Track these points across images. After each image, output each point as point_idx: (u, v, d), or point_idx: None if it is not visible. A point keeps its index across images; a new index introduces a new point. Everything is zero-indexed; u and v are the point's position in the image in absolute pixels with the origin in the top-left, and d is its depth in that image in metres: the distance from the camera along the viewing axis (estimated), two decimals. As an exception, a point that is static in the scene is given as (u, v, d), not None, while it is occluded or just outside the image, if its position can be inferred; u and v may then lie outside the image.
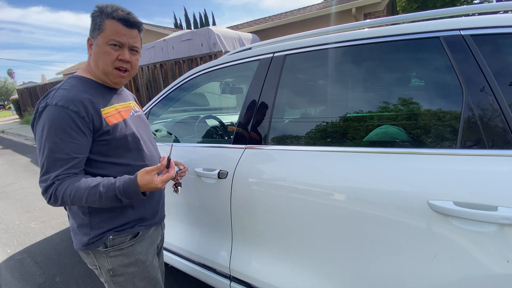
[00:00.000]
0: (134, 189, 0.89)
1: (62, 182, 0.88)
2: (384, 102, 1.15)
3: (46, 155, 0.88)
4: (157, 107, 1.89)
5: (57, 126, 0.87)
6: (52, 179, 0.87)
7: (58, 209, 3.34)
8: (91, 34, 0.98)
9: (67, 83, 0.96)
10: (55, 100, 0.89)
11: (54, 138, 0.87)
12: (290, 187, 1.15)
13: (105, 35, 0.95)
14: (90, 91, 0.97)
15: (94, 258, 1.01)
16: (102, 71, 0.99)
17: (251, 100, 1.37)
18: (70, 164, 0.89)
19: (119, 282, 1.03)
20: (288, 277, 1.20)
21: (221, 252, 1.42)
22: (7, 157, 6.55)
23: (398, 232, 0.92)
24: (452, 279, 0.84)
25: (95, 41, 0.97)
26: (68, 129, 0.88)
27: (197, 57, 5.89)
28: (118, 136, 0.98)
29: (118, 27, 0.95)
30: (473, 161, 0.85)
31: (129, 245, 1.02)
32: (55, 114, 0.88)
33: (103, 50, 0.96)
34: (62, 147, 0.88)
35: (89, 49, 1.00)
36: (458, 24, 0.95)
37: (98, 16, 0.95)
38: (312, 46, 1.24)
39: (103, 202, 0.89)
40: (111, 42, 0.95)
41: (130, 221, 1.02)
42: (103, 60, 0.97)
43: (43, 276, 2.14)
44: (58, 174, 0.88)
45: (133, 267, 1.03)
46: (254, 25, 9.57)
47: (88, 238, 0.97)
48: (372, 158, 1.01)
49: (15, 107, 15.52)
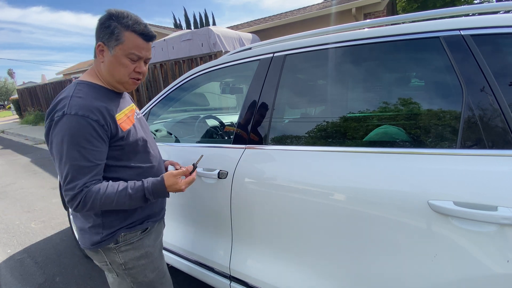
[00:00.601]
0: (162, 189, 1.00)
1: (90, 189, 0.91)
2: (384, 102, 1.15)
3: (70, 164, 0.89)
4: (157, 107, 1.89)
5: (79, 135, 0.88)
6: (80, 187, 0.89)
7: (58, 209, 3.34)
8: (104, 41, 0.95)
9: (79, 91, 0.94)
10: (73, 109, 0.88)
11: (77, 147, 0.88)
12: (290, 187, 1.15)
13: (124, 47, 0.95)
14: (102, 98, 0.97)
15: (104, 255, 1.03)
16: (117, 80, 1.00)
17: (251, 100, 1.37)
18: (95, 172, 0.93)
19: (132, 274, 1.07)
20: (288, 277, 1.19)
21: (221, 252, 1.42)
22: (7, 157, 6.56)
23: (398, 232, 0.92)
24: (452, 279, 0.84)
25: (111, 51, 0.95)
26: (90, 138, 0.90)
27: (197, 57, 5.89)
28: (131, 141, 1.01)
29: (138, 41, 0.96)
30: (473, 161, 0.85)
31: (138, 239, 1.07)
32: (76, 123, 0.88)
33: (121, 62, 0.96)
34: (86, 155, 0.90)
35: (99, 55, 0.97)
36: (458, 24, 0.95)
37: (114, 26, 0.93)
38: (312, 46, 1.24)
39: (132, 203, 0.96)
40: (130, 56, 0.96)
41: (140, 218, 1.07)
42: (120, 71, 0.98)
43: (43, 276, 2.14)
44: (86, 182, 0.90)
45: (144, 260, 1.08)
46: (254, 25, 9.57)
47: (101, 237, 1.00)
48: (372, 158, 1.01)
49: (15, 107, 15.54)
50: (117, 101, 1.03)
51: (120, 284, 1.10)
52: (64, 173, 0.89)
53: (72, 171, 0.89)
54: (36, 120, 12.23)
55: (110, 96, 1.01)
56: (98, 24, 0.96)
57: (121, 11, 0.95)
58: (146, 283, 1.10)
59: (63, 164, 0.89)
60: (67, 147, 0.88)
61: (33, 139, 8.77)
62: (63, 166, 0.89)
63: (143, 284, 1.10)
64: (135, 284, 1.08)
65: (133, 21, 0.95)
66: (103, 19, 0.95)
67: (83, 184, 0.90)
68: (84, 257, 2.35)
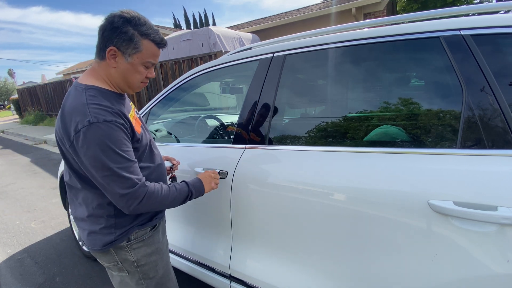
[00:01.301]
0: (201, 187, 1.14)
1: (147, 185, 0.95)
2: (384, 102, 1.15)
3: (117, 168, 0.88)
4: (157, 107, 1.89)
5: (115, 140, 0.89)
6: (141, 181, 0.93)
7: (58, 209, 3.34)
8: (118, 46, 0.92)
9: (93, 97, 0.91)
10: (98, 116, 0.87)
11: (117, 151, 0.89)
12: (290, 187, 1.15)
13: (142, 56, 0.95)
14: (113, 102, 0.96)
15: (115, 255, 1.03)
16: (129, 85, 1.00)
17: (251, 100, 1.37)
18: (138, 170, 0.96)
19: (144, 271, 1.08)
20: (288, 277, 1.19)
21: (221, 252, 1.42)
22: (7, 157, 6.55)
23: (398, 232, 0.92)
24: (452, 279, 0.84)
25: (127, 58, 0.94)
26: (124, 141, 0.92)
27: (197, 57, 5.89)
28: (144, 142, 1.04)
29: (154, 50, 0.97)
30: (473, 161, 0.85)
31: (149, 236, 1.09)
32: (107, 129, 0.87)
33: (137, 69, 0.97)
34: (127, 157, 0.92)
35: (110, 60, 0.94)
36: (458, 24, 0.94)
37: (133, 33, 0.91)
38: (312, 46, 1.24)
39: (176, 202, 1.05)
40: (146, 64, 0.98)
41: (149, 216, 1.09)
42: (134, 78, 0.98)
43: (43, 276, 2.14)
44: (140, 178, 0.94)
45: (155, 255, 1.10)
46: (254, 25, 9.57)
47: (114, 236, 1.00)
48: (372, 158, 1.01)
49: (15, 107, 15.53)
50: (124, 104, 1.03)
51: (129, 284, 1.09)
52: (112, 178, 0.89)
53: (122, 172, 0.89)
54: (36, 120, 12.23)
55: (118, 99, 1.00)
56: (109, 26, 0.91)
57: (136, 16, 0.92)
58: (156, 279, 1.11)
59: (107, 171, 0.88)
60: (109, 153, 0.87)
61: (33, 139, 8.77)
62: (108, 172, 0.88)
63: (154, 280, 1.10)
64: (146, 280, 1.09)
65: (151, 29, 0.94)
66: (119, 23, 0.90)
67: (141, 178, 0.94)
68: (84, 257, 2.35)
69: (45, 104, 12.43)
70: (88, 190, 0.99)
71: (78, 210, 1.05)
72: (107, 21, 0.92)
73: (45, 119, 11.97)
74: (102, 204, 0.99)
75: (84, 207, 1.02)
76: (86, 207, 1.01)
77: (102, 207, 0.99)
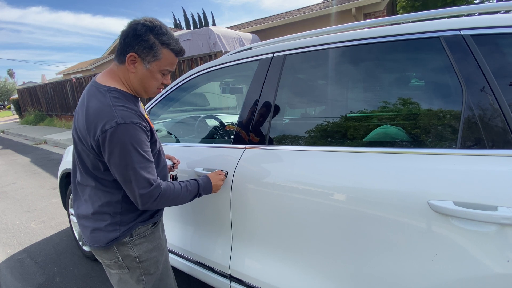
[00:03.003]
0: (210, 187, 1.20)
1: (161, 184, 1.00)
2: (384, 102, 1.15)
3: (139, 167, 0.94)
4: (157, 107, 1.89)
5: (140, 141, 0.95)
6: (155, 181, 0.98)
7: (58, 209, 3.34)
8: (138, 53, 0.96)
9: (117, 99, 0.96)
10: (124, 118, 0.92)
11: (140, 151, 0.94)
12: (290, 187, 1.15)
13: (161, 64, 0.99)
14: (133, 105, 1.01)
15: (117, 251, 1.05)
16: (145, 90, 1.04)
17: (251, 100, 1.37)
18: (155, 170, 1.01)
19: (145, 267, 1.10)
20: (289, 277, 1.19)
21: (221, 252, 1.42)
22: (7, 157, 6.55)
23: (398, 232, 0.92)
24: (452, 279, 0.84)
25: (146, 65, 0.98)
26: (146, 142, 0.98)
27: (197, 57, 5.89)
28: (158, 144, 1.11)
29: (172, 58, 1.01)
30: (473, 161, 0.85)
31: (150, 232, 1.12)
32: (133, 130, 0.93)
33: (155, 76, 1.01)
34: (147, 157, 0.97)
35: (130, 65, 0.98)
36: (458, 24, 0.94)
37: (153, 41, 0.95)
38: (312, 46, 1.24)
39: (186, 199, 1.10)
40: (163, 71, 1.02)
41: (151, 213, 1.12)
42: (152, 84, 1.03)
43: (43, 276, 2.14)
44: (156, 178, 0.99)
45: (156, 251, 1.13)
46: (254, 25, 9.57)
47: (119, 233, 1.03)
48: (372, 158, 1.01)
49: (15, 107, 15.53)
50: (139, 106, 1.07)
51: (128, 282, 1.10)
52: (134, 178, 0.94)
53: (143, 173, 0.95)
54: (36, 120, 12.23)
55: (135, 102, 1.04)
56: (132, 33, 0.94)
57: (158, 25, 0.96)
58: (157, 275, 1.13)
59: (131, 170, 0.93)
60: (133, 153, 0.93)
61: (33, 139, 8.77)
62: (131, 171, 0.93)
63: (154, 276, 1.12)
64: (147, 276, 1.10)
65: (171, 38, 0.98)
66: (142, 31, 0.94)
67: (156, 179, 0.99)
68: (84, 257, 2.35)
69: (45, 104, 12.42)
70: (97, 187, 1.02)
71: (82, 207, 1.06)
72: (130, 27, 0.96)
73: (45, 119, 11.98)
74: (111, 201, 1.02)
75: (89, 204, 1.04)
76: (92, 204, 1.03)
77: (110, 205, 1.02)
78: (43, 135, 8.76)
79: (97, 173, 1.01)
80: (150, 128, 1.02)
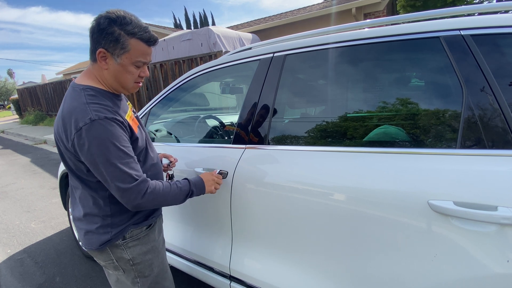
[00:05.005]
0: (202, 186, 1.15)
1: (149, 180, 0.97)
2: (384, 102, 1.15)
3: (119, 163, 0.90)
4: (157, 107, 1.89)
5: (116, 136, 0.90)
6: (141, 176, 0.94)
7: (58, 209, 3.34)
8: (106, 48, 0.92)
9: (92, 96, 0.93)
10: (98, 114, 0.88)
11: (119, 146, 0.90)
12: (290, 187, 1.15)
13: (131, 56, 0.94)
14: (111, 102, 0.97)
15: (111, 253, 1.04)
16: (122, 86, 1.00)
17: (251, 100, 1.37)
18: (139, 165, 0.97)
19: (139, 270, 1.08)
20: (289, 277, 1.19)
21: (221, 252, 1.42)
22: (7, 157, 6.55)
23: (398, 232, 0.92)
24: (452, 279, 0.84)
25: (116, 59, 0.93)
26: (124, 137, 0.93)
27: (197, 57, 5.89)
28: (140, 143, 1.04)
29: (143, 48, 0.95)
30: (473, 161, 0.85)
31: (144, 235, 1.09)
32: (109, 126, 0.89)
33: (128, 70, 0.96)
34: (128, 152, 0.93)
35: (101, 62, 0.94)
36: (458, 24, 0.94)
37: (119, 33, 0.90)
38: (312, 46, 1.24)
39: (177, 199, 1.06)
40: (137, 64, 0.96)
41: (144, 215, 1.10)
42: (127, 78, 0.98)
43: (43, 276, 2.14)
44: (141, 173, 0.95)
45: (150, 254, 1.10)
46: (254, 25, 9.57)
47: (111, 235, 1.01)
48: (372, 158, 1.01)
49: (15, 107, 15.53)
50: (120, 104, 1.04)
51: (124, 283, 1.10)
52: (115, 174, 0.90)
53: (125, 168, 0.91)
54: (36, 120, 12.23)
55: (114, 100, 1.01)
56: (97, 28, 0.90)
57: (121, 15, 0.91)
58: (152, 278, 1.12)
59: (110, 166, 0.89)
60: (111, 148, 0.89)
61: (33, 139, 8.77)
62: (111, 168, 0.89)
63: (149, 278, 1.11)
64: (141, 279, 1.09)
65: (138, 27, 0.92)
66: (104, 24, 0.89)
67: (142, 175, 0.95)
68: (84, 257, 2.35)
69: (45, 104, 12.43)
70: (84, 189, 1.00)
71: (76, 209, 1.06)
72: (95, 22, 0.92)
73: (45, 119, 11.98)
74: (98, 203, 1.00)
75: (80, 206, 1.03)
76: (83, 206, 1.02)
77: (98, 207, 1.00)
78: (43, 135, 8.75)
79: (81, 175, 0.98)
80: (128, 125, 0.98)
